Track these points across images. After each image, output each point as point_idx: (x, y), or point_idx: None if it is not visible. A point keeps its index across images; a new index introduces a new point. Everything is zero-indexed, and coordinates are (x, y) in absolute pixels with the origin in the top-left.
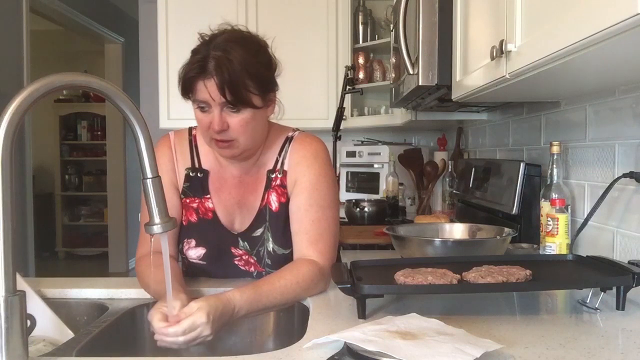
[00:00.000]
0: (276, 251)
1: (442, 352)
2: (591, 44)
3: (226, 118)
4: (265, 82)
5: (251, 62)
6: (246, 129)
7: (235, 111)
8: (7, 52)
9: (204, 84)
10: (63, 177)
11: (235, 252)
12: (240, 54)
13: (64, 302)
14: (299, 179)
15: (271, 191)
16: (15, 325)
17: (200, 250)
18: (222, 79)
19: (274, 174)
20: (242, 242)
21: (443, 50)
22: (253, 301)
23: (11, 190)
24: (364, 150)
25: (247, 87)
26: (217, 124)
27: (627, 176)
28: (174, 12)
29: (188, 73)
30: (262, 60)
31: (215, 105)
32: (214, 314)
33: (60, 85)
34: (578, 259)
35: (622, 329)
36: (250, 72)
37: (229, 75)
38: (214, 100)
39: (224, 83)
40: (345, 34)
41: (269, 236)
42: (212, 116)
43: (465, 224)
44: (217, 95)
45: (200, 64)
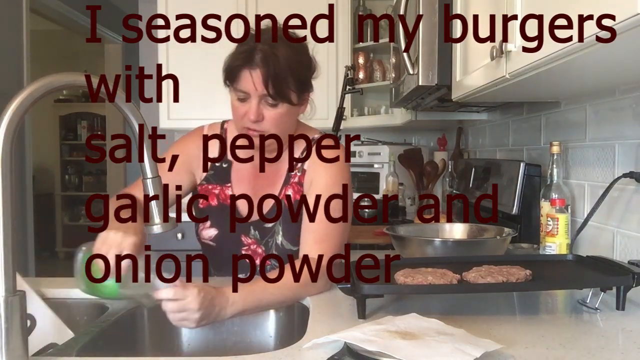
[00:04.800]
0: (284, 245)
1: (442, 352)
2: (591, 44)
3: (262, 110)
4: (304, 82)
5: (294, 60)
6: (279, 123)
7: (272, 105)
8: (7, 52)
9: (250, 73)
10: (63, 177)
11: (245, 241)
12: (286, 51)
13: (64, 302)
14: (315, 179)
15: (288, 187)
16: (15, 325)
17: (212, 231)
18: (267, 72)
19: (293, 171)
20: (254, 230)
21: (443, 50)
22: (248, 296)
23: (11, 190)
24: (364, 150)
25: (288, 83)
26: (253, 114)
27: (627, 176)
28: (174, 12)
29: (235, 62)
30: (304, 60)
31: (254, 96)
32: (205, 295)
33: (60, 85)
34: (578, 259)
35: (622, 329)
36: (292, 70)
37: (274, 69)
38: (257, 90)
39: (269, 76)
40: (345, 34)
41: (279, 229)
42: (249, 106)
43: (465, 224)
44: (261, 86)
45: (247, 54)
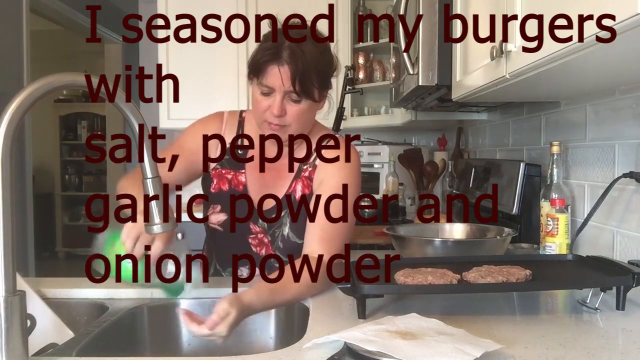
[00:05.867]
0: (290, 238)
1: (442, 352)
2: (591, 44)
3: (285, 105)
4: (326, 79)
5: (319, 58)
6: (300, 118)
7: (296, 100)
8: (7, 52)
9: (278, 69)
10: (63, 177)
11: (253, 229)
12: (311, 48)
13: (64, 302)
14: (326, 178)
15: (299, 180)
16: (15, 325)
17: (222, 216)
18: (295, 68)
19: (305, 165)
20: (262, 220)
21: (443, 50)
22: (267, 302)
23: (11, 190)
24: (364, 150)
25: (312, 80)
26: (277, 108)
27: (627, 176)
28: (174, 12)
29: (262, 57)
30: (327, 58)
31: (279, 91)
32: (235, 321)
33: (60, 85)
34: (578, 259)
35: (622, 329)
36: (317, 67)
37: (302, 65)
38: (283, 86)
39: (297, 73)
40: (345, 34)
41: (287, 221)
42: (273, 101)
43: (465, 224)
44: (288, 82)
45: (274, 50)
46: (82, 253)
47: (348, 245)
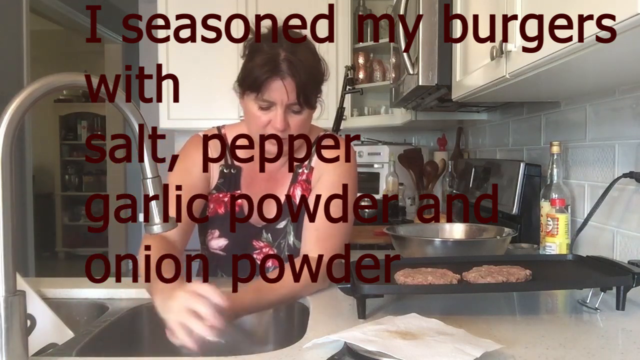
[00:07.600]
0: (296, 245)
1: (442, 352)
2: (591, 44)
3: (287, 117)
4: (320, 85)
5: (314, 65)
6: (302, 128)
7: (297, 112)
8: (7, 52)
9: (282, 83)
10: (63, 177)
11: (257, 245)
12: (306, 56)
13: (64, 302)
14: (322, 176)
15: (297, 185)
16: (15, 325)
17: (222, 241)
18: (299, 82)
19: (301, 168)
20: (266, 234)
21: (443, 50)
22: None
23: (11, 190)
24: (364, 150)
25: (312, 89)
26: (280, 123)
27: (627, 176)
28: (174, 12)
29: (261, 74)
30: (320, 63)
31: (280, 105)
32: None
33: (60, 85)
34: (578, 259)
35: (622, 329)
36: (314, 75)
37: (305, 77)
38: (288, 99)
39: (300, 86)
40: (345, 34)
41: (291, 229)
42: (274, 115)
43: (465, 224)
44: (293, 95)
45: (272, 64)
46: (82, 253)
47: (348, 245)
